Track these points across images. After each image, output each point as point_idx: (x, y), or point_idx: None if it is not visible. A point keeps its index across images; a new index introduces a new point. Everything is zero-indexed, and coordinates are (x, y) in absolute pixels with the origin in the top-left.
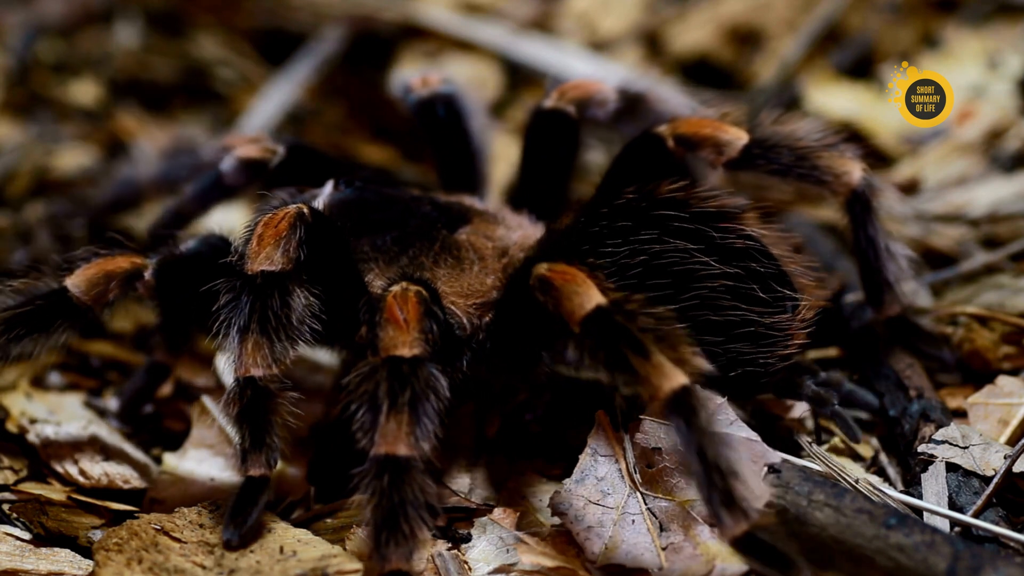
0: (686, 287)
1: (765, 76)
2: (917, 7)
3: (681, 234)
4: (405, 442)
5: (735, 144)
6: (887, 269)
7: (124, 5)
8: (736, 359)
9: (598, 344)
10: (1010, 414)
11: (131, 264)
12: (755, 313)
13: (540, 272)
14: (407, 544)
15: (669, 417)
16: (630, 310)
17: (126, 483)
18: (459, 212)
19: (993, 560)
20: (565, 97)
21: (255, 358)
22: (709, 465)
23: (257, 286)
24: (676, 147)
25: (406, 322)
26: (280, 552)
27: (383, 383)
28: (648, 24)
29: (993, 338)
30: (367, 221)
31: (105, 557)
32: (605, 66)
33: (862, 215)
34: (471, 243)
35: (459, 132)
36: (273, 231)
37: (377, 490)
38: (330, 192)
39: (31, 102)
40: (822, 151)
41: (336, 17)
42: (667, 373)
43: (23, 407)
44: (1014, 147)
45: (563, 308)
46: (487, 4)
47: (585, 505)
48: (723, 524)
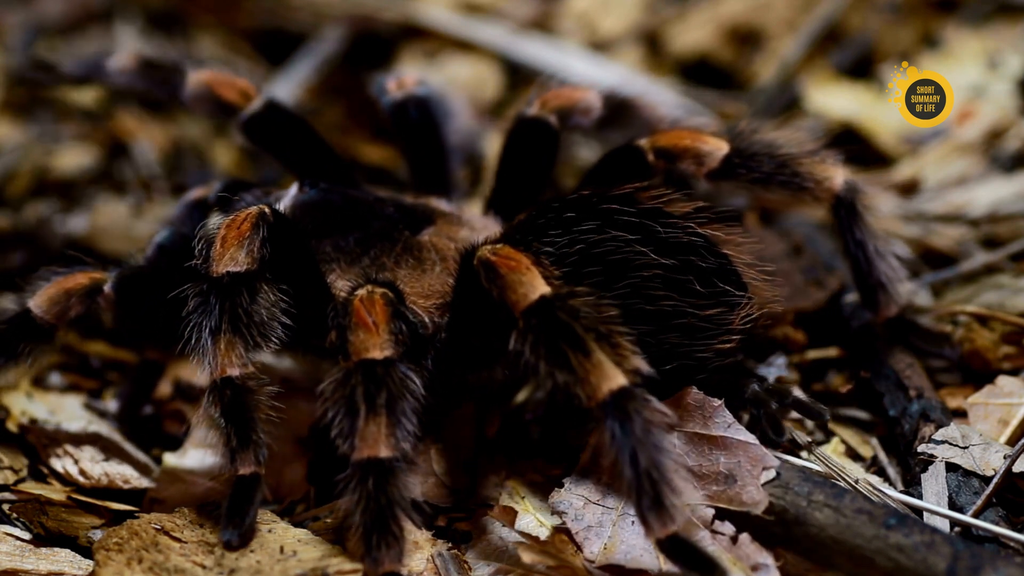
0: (620, 276)
1: (765, 76)
2: (917, 7)
3: (623, 226)
4: (386, 444)
5: (715, 155)
6: (878, 271)
7: (124, 5)
8: (670, 351)
9: (539, 338)
10: (1010, 414)
11: (89, 280)
12: (689, 305)
13: (483, 255)
14: (398, 545)
15: (605, 419)
16: (573, 306)
17: (126, 483)
18: (423, 214)
19: (993, 560)
20: (547, 106)
21: (230, 357)
22: (640, 472)
23: (225, 286)
24: (656, 160)
25: (375, 324)
26: (280, 552)
27: (359, 387)
28: (648, 24)
29: (993, 338)
30: (331, 222)
31: (105, 557)
32: (605, 66)
33: (848, 219)
34: (434, 244)
35: (431, 134)
36: (236, 232)
37: (363, 494)
38: (295, 193)
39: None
40: (803, 158)
41: (336, 17)
42: (606, 373)
43: (24, 407)
44: (1014, 147)
45: (507, 297)
46: (487, 4)
47: (585, 505)
48: (649, 526)
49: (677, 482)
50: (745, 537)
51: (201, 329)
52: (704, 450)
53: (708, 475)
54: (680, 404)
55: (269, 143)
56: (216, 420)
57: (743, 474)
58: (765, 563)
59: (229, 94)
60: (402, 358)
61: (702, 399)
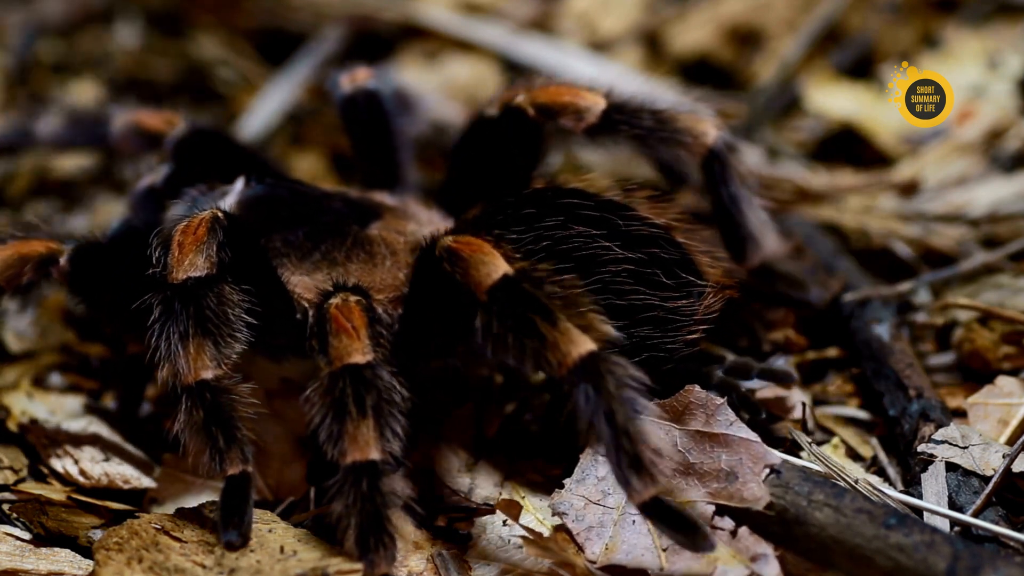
0: (589, 271)
1: (765, 76)
2: (917, 7)
3: (585, 221)
4: (376, 446)
5: (594, 109)
6: (749, 222)
7: (124, 5)
8: (640, 343)
9: (505, 312)
10: (1010, 414)
11: (46, 248)
12: (658, 298)
13: (446, 243)
14: (393, 545)
15: (577, 384)
16: (537, 277)
17: (126, 483)
18: (370, 208)
19: (993, 560)
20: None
21: (203, 360)
22: (618, 430)
23: (188, 290)
24: (537, 116)
25: (355, 330)
26: (280, 552)
27: (347, 390)
28: (648, 24)
29: (993, 338)
30: (279, 217)
31: (105, 556)
32: (605, 66)
33: (721, 173)
34: (383, 238)
35: (380, 128)
36: (193, 238)
37: (356, 497)
38: (241, 188)
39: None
40: (679, 113)
41: (336, 17)
42: (575, 339)
43: (24, 407)
44: (1014, 147)
45: (471, 278)
46: (487, 4)
47: (585, 505)
48: (631, 488)
49: (656, 440)
50: (744, 530)
51: (169, 336)
52: (706, 447)
53: (710, 472)
54: (683, 402)
55: (198, 160)
56: (199, 424)
57: (744, 471)
58: (764, 553)
59: (154, 123)
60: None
61: (704, 397)
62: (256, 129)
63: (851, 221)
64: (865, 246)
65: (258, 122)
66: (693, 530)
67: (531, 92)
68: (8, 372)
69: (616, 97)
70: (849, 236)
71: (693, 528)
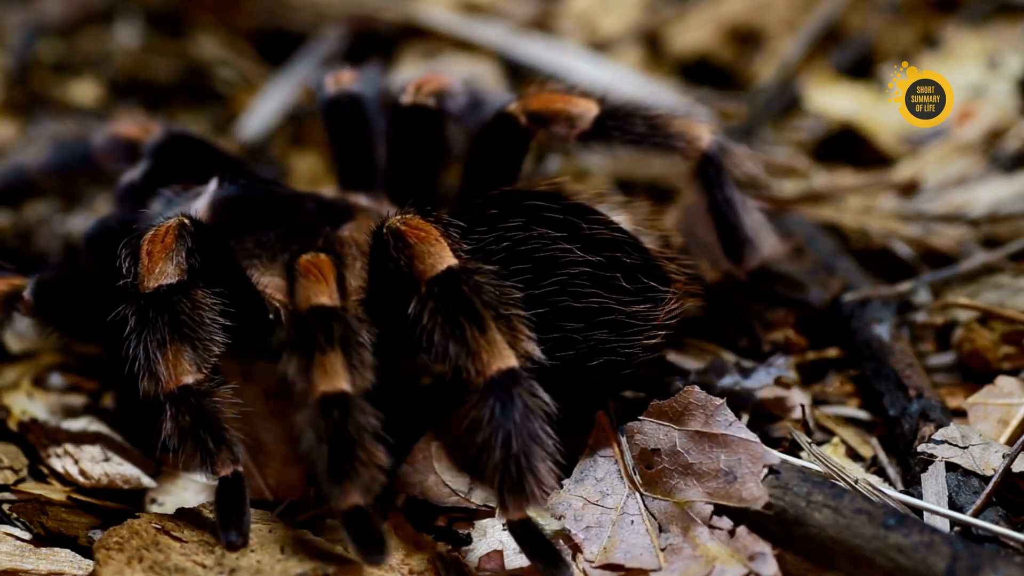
0: (547, 273)
1: (765, 76)
2: (917, 7)
3: (548, 223)
4: (345, 377)
5: (586, 116)
6: (745, 225)
7: (124, 5)
8: (597, 347)
9: (438, 307)
10: (1010, 414)
11: (9, 286)
12: (616, 301)
13: (393, 224)
14: (363, 476)
15: (487, 397)
16: (478, 281)
17: (126, 483)
18: (343, 209)
19: (992, 560)
20: (422, 91)
21: (183, 366)
22: (510, 456)
23: (161, 297)
24: (529, 123)
25: (323, 275)
26: (281, 552)
27: (314, 325)
28: (648, 24)
29: (993, 338)
30: (251, 218)
31: (106, 556)
32: (605, 66)
33: (716, 177)
34: (354, 240)
35: (360, 131)
36: (161, 246)
37: (328, 427)
38: (214, 189)
39: (31, 102)
40: (673, 118)
41: (336, 17)
42: (499, 352)
43: (24, 407)
44: (1014, 147)
45: (415, 267)
46: (487, 4)
47: (584, 505)
48: (505, 507)
49: (543, 472)
50: (742, 529)
51: (147, 344)
52: (705, 448)
53: (708, 472)
54: (682, 403)
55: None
56: (186, 429)
57: (743, 471)
58: (762, 552)
59: (132, 132)
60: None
61: (704, 398)
62: (256, 129)
63: (851, 221)
64: (865, 246)
65: (258, 122)
66: (554, 558)
67: (523, 99)
68: (8, 372)
69: (609, 103)
70: (849, 236)
71: (554, 556)
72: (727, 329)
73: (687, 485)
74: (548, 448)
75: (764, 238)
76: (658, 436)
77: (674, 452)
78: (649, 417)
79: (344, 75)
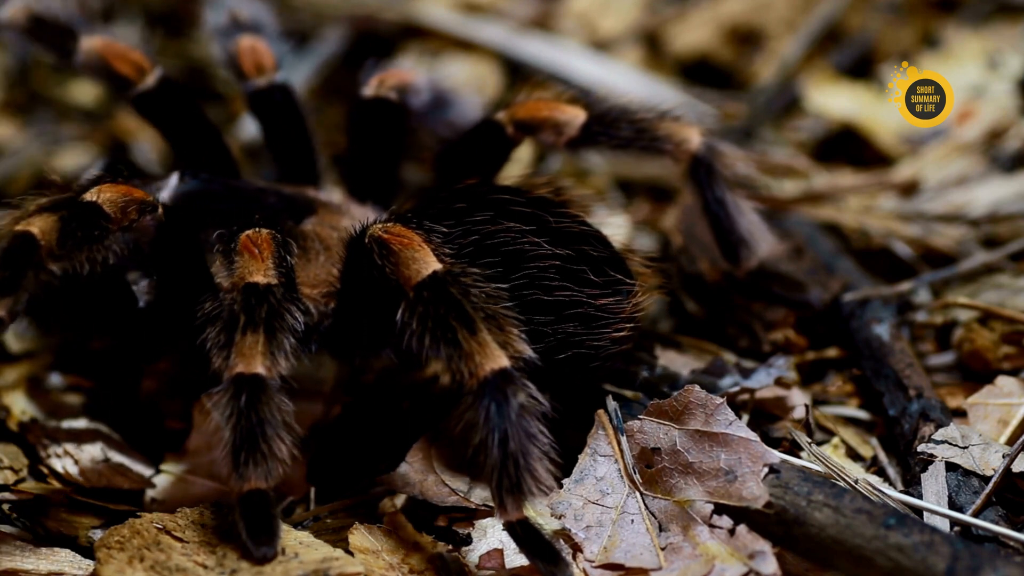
0: (516, 266)
1: (765, 76)
2: (917, 7)
3: (515, 216)
4: (262, 361)
5: (574, 123)
6: (740, 226)
7: (124, 5)
8: (566, 340)
9: (428, 311)
10: (1010, 414)
11: None
12: (584, 294)
13: (375, 232)
14: (266, 463)
15: (481, 398)
16: (465, 283)
17: (126, 483)
18: (304, 203)
19: (992, 560)
20: (385, 84)
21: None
22: (508, 455)
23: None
24: (515, 132)
25: (260, 253)
26: (282, 553)
27: (239, 302)
28: (648, 24)
29: (993, 338)
30: (213, 212)
31: (107, 555)
32: (605, 66)
33: (707, 178)
34: (317, 234)
35: (297, 124)
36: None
37: (235, 410)
38: (176, 184)
39: (31, 102)
40: (660, 121)
41: (336, 17)
42: (490, 353)
43: (24, 406)
44: (1014, 147)
45: (400, 273)
46: (487, 4)
47: (584, 505)
48: (504, 508)
49: (540, 471)
50: (742, 528)
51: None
52: (705, 447)
53: (709, 471)
54: (682, 402)
55: (160, 121)
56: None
57: (743, 470)
58: (762, 551)
59: (123, 67)
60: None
61: (704, 397)
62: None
63: (851, 221)
64: (865, 246)
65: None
66: (554, 557)
67: (510, 108)
68: (8, 372)
69: (598, 108)
70: (849, 236)
71: (554, 555)
72: (727, 329)
73: (687, 484)
74: (544, 447)
75: (760, 238)
76: (658, 435)
77: (674, 451)
78: (649, 416)
79: (266, 60)
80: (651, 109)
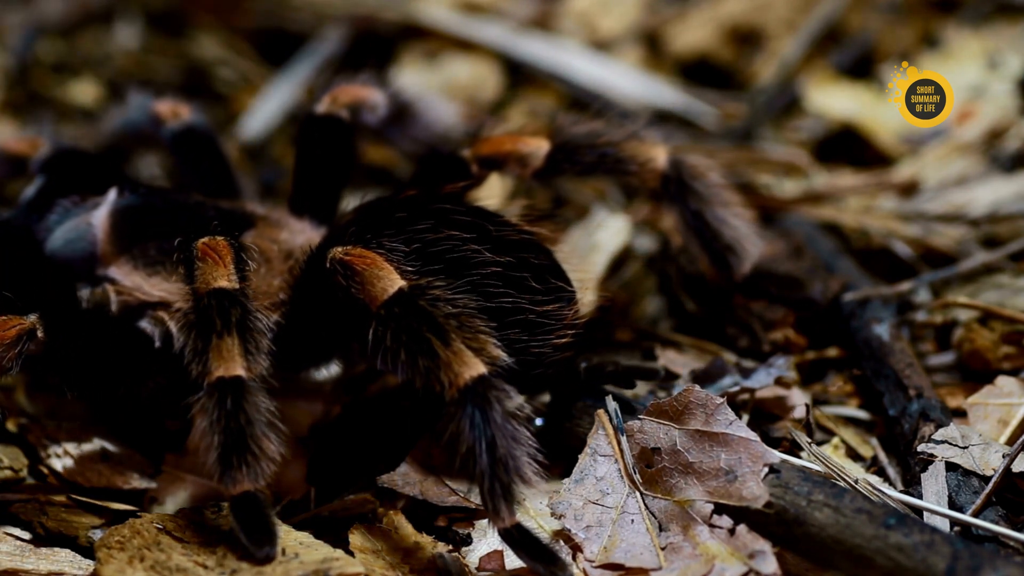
0: (460, 274)
1: (765, 76)
2: (917, 7)
3: (456, 225)
4: (241, 363)
5: (538, 154)
6: (723, 235)
7: (124, 5)
8: (510, 347)
9: (400, 327)
10: (1010, 414)
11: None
12: (527, 301)
13: (337, 255)
14: (257, 464)
15: (464, 406)
16: (433, 295)
17: (126, 483)
18: (243, 217)
19: (992, 560)
20: (338, 102)
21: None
22: (497, 460)
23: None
24: (480, 170)
25: (221, 258)
26: (283, 554)
27: (213, 307)
28: (648, 24)
29: (993, 338)
30: (153, 225)
31: (107, 554)
32: (605, 65)
33: (680, 195)
34: (257, 246)
35: (217, 157)
36: None
37: (221, 413)
38: (114, 199)
39: (31, 102)
40: (624, 142)
41: (336, 17)
42: (467, 361)
43: (24, 407)
44: (1014, 147)
45: (366, 292)
46: (487, 4)
47: (584, 505)
48: (498, 515)
49: (529, 474)
50: (742, 528)
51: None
52: (705, 447)
53: (709, 471)
54: (682, 402)
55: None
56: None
57: (743, 470)
58: (762, 550)
59: (18, 147)
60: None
61: (704, 397)
62: (256, 129)
63: (851, 221)
64: (865, 246)
65: (258, 122)
66: (553, 559)
67: (475, 146)
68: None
69: (562, 135)
70: (849, 236)
71: (553, 557)
72: (727, 329)
73: (687, 484)
74: (530, 451)
75: (748, 244)
76: (658, 435)
77: (674, 451)
78: (649, 416)
79: (181, 108)
80: (621, 130)
